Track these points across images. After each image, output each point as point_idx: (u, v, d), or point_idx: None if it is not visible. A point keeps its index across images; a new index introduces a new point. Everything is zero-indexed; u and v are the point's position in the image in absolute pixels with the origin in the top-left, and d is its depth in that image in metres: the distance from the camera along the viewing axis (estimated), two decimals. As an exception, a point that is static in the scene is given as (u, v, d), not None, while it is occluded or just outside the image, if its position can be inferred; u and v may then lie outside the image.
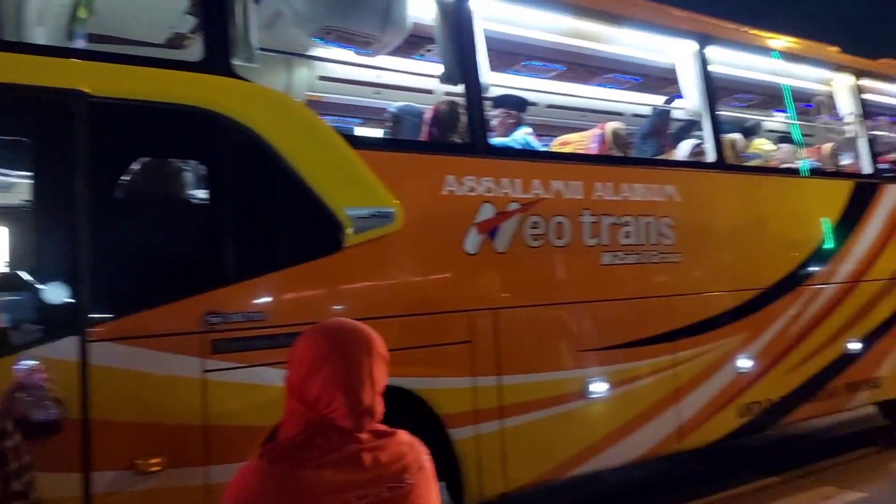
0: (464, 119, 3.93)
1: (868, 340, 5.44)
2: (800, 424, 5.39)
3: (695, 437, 4.47)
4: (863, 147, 5.79)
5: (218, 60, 3.19)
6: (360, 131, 5.26)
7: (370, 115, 5.18)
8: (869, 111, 5.98)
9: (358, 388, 1.37)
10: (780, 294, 4.98)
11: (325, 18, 3.85)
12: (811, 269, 5.19)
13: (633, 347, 4.26)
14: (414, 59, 4.64)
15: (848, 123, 5.82)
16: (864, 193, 5.61)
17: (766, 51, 5.47)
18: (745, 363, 4.71)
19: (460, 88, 3.91)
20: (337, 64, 4.45)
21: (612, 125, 4.72)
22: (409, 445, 1.45)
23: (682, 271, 4.52)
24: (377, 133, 4.75)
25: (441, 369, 3.56)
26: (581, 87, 5.47)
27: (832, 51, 6.02)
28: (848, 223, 5.45)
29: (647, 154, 5.33)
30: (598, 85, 5.52)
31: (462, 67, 3.89)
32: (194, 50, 3.40)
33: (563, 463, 3.97)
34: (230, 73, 3.19)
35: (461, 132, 3.95)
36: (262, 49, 3.38)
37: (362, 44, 4.28)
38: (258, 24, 3.38)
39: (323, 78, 4.82)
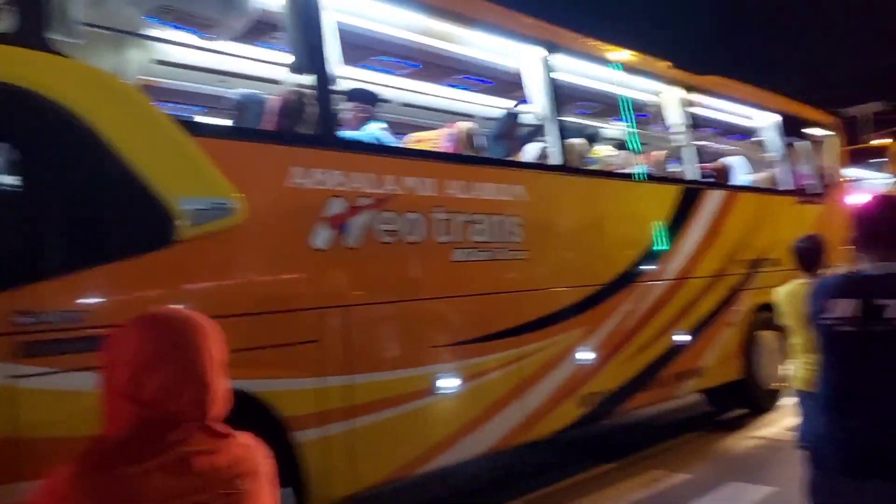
0: (313, 110, 3.81)
1: (694, 333, 5.92)
2: (635, 413, 5.74)
3: (540, 427, 4.63)
4: (689, 155, 6.29)
5: (32, 33, 2.86)
6: (200, 119, 4.96)
7: (214, 104, 4.91)
8: (696, 122, 6.51)
9: (206, 377, 1.29)
10: (617, 290, 5.28)
11: (162, -3, 3.59)
12: (644, 266, 5.56)
13: (482, 342, 4.34)
14: (260, 46, 4.45)
15: (677, 133, 6.30)
16: (689, 198, 6.10)
17: (607, 62, 5.80)
18: (585, 355, 4.95)
19: (310, 79, 3.80)
20: (176, 48, 4.18)
21: (465, 125, 4.80)
22: (246, 448, 1.36)
23: (528, 268, 4.67)
24: (218, 121, 4.50)
25: (285, 370, 3.42)
26: (434, 87, 5.50)
27: (665, 65, 6.49)
28: (676, 225, 5.89)
29: (497, 156, 5.46)
30: (451, 85, 5.59)
31: (311, 58, 3.77)
32: (6, 22, 3.03)
33: (415, 460, 3.96)
34: (46, 47, 2.88)
35: (310, 123, 3.83)
36: (86, 24, 3.08)
37: (202, 26, 4.05)
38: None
39: (162, 62, 4.50)
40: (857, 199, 9.08)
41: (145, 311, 1.37)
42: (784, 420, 6.25)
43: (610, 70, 5.83)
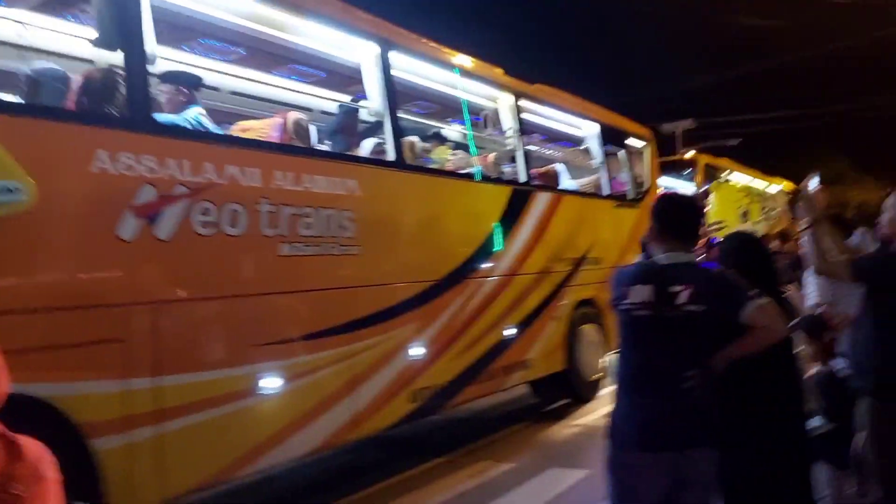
0: (122, 90, 3.51)
1: (520, 327, 6.15)
2: (465, 406, 5.85)
3: (369, 424, 4.58)
4: (519, 159, 6.56)
5: None
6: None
7: (10, 82, 4.39)
8: (525, 128, 6.80)
9: None
10: (449, 286, 5.37)
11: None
12: (477, 263, 5.71)
13: (311, 340, 4.23)
14: (65, 19, 4.05)
15: (508, 137, 6.53)
16: (519, 199, 6.35)
17: (444, 63, 5.89)
18: (417, 351, 4.98)
19: (119, 57, 3.50)
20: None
21: (293, 114, 4.65)
22: (24, 452, 1.23)
23: (360, 263, 4.61)
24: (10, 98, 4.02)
25: (83, 373, 3.10)
26: (263, 75, 5.29)
27: (498, 71, 6.72)
28: (507, 224, 6.11)
29: (336, 150, 5.36)
30: (282, 75, 5.41)
31: (121, 32, 3.46)
32: None
33: (234, 464, 3.76)
34: None
35: (119, 104, 3.53)
36: None
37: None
38: None
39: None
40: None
41: None
42: (602, 408, 6.67)
43: (446, 72, 5.93)
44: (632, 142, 8.90)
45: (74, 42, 4.03)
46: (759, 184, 17.24)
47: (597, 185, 8.13)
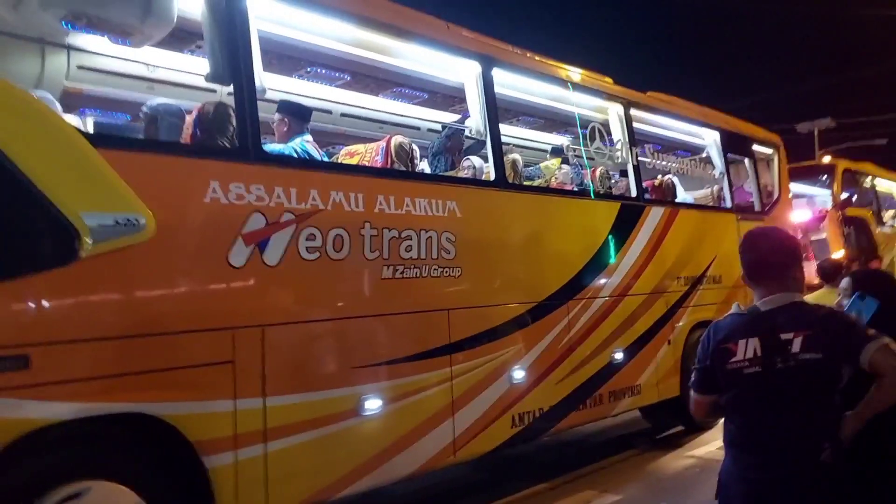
0: (233, 122, 3.69)
1: (630, 351, 5.89)
2: (570, 431, 5.67)
3: (469, 448, 4.53)
4: (630, 172, 6.31)
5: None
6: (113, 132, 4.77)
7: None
8: (637, 139, 6.52)
9: None
10: (554, 307, 5.23)
11: (75, 2, 3.45)
12: (582, 283, 5.52)
13: (412, 362, 4.24)
14: (185, 54, 4.33)
15: (618, 150, 6.29)
16: (630, 214, 6.10)
17: (549, 77, 5.77)
18: (519, 374, 4.88)
19: (229, 89, 3.68)
20: (96, 55, 4.05)
21: (396, 138, 4.71)
22: None
23: (461, 285, 4.59)
24: (131, 133, 4.34)
25: (196, 392, 3.27)
26: (368, 99, 5.41)
27: (606, 81, 6.51)
28: (616, 242, 5.88)
29: (439, 171, 5.39)
30: (387, 97, 5.51)
31: (232, 66, 3.65)
32: None
33: (335, 483, 3.83)
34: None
35: (230, 136, 3.71)
36: None
37: (119, 33, 3.90)
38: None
39: (84, 68, 4.37)
40: (797, 216, 9.27)
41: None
42: (719, 438, 6.26)
43: (551, 85, 5.81)
44: (758, 148, 8.34)
45: (194, 77, 4.31)
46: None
47: (718, 196, 7.68)
